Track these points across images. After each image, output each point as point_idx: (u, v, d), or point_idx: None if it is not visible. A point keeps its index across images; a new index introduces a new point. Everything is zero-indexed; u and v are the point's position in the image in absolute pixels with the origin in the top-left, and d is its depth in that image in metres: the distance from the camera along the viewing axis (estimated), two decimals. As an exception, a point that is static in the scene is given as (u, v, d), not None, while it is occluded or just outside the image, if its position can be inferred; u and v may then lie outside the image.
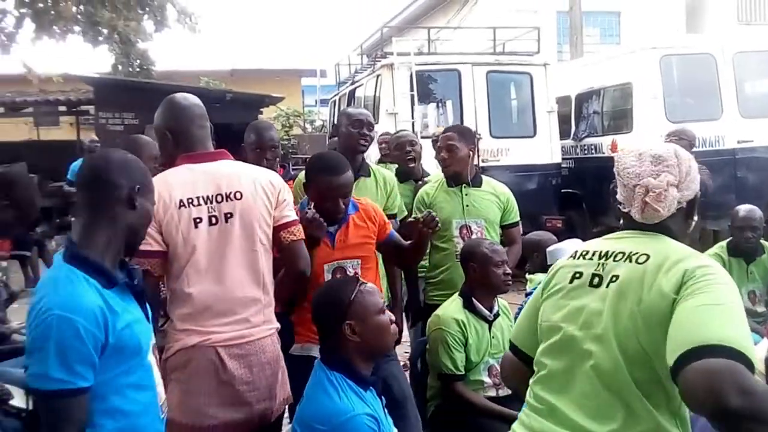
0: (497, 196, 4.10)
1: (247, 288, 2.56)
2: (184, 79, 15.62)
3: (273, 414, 2.65)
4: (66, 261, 1.85)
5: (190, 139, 2.62)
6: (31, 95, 14.92)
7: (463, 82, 8.86)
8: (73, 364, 1.71)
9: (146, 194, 2.00)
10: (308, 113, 18.86)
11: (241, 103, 12.28)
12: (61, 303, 1.73)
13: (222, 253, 2.53)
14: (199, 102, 2.71)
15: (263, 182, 2.64)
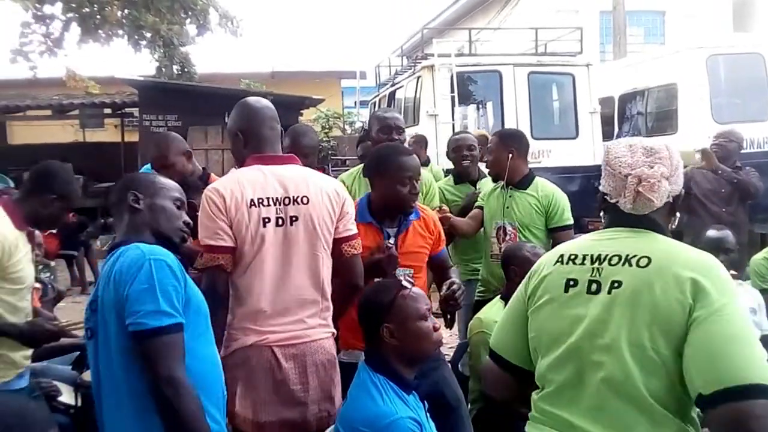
0: (539, 199, 4.04)
1: (306, 291, 2.60)
2: (225, 82, 15.80)
3: (331, 417, 2.64)
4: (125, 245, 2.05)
5: (260, 141, 2.68)
6: (78, 98, 15.27)
7: (505, 83, 8.80)
8: (174, 300, 1.91)
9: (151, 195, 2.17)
10: (347, 115, 18.93)
11: (282, 104, 12.25)
12: (150, 250, 1.96)
13: (284, 255, 2.57)
14: (270, 105, 2.77)
15: (329, 190, 2.68)
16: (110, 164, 14.84)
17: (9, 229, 2.78)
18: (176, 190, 2.24)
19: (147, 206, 2.14)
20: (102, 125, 18.03)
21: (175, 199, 2.21)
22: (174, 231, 2.18)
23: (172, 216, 2.17)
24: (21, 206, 2.89)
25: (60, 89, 16.12)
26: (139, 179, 2.23)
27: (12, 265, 2.76)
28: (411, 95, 9.53)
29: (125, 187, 2.18)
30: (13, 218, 2.83)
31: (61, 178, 2.98)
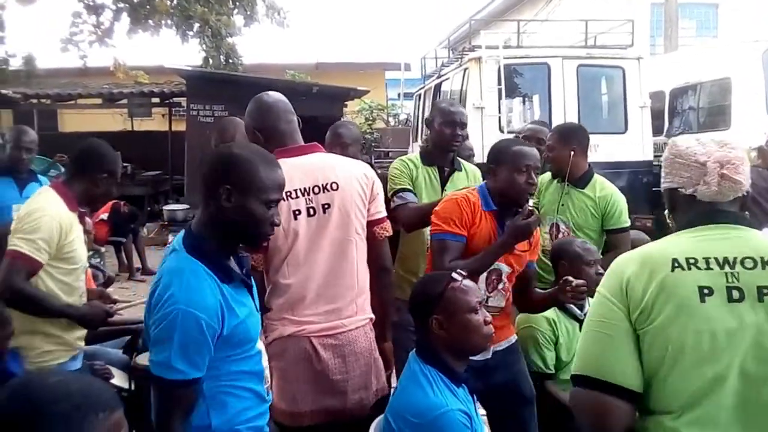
0: (596, 201, 3.91)
1: (342, 278, 2.61)
2: (270, 73, 15.88)
3: (368, 404, 2.67)
4: (188, 251, 1.93)
5: (280, 135, 2.67)
6: (126, 87, 15.52)
7: (553, 76, 8.67)
8: (194, 356, 1.83)
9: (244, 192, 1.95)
10: (391, 107, 18.90)
11: (327, 96, 12.43)
12: (187, 299, 1.83)
13: (319, 244, 2.58)
14: (283, 98, 2.77)
15: (357, 174, 2.68)
16: (157, 153, 15.08)
17: (63, 210, 2.87)
18: (276, 189, 2.00)
19: (235, 204, 1.94)
20: (150, 114, 18.28)
21: (269, 201, 1.98)
22: (258, 235, 2.03)
23: (260, 221, 1.97)
24: (72, 188, 2.98)
25: (109, 78, 16.39)
26: (239, 170, 1.96)
27: (67, 244, 2.85)
28: (457, 87, 9.45)
29: (220, 174, 1.97)
30: (66, 200, 2.92)
31: (108, 155, 3.06)
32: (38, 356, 2.88)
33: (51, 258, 2.83)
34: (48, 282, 2.86)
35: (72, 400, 1.26)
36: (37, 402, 1.25)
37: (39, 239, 2.76)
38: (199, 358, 1.84)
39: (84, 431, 1.24)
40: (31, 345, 2.87)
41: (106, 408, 1.30)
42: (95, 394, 1.30)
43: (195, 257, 1.90)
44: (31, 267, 2.78)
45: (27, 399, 1.26)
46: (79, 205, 3.00)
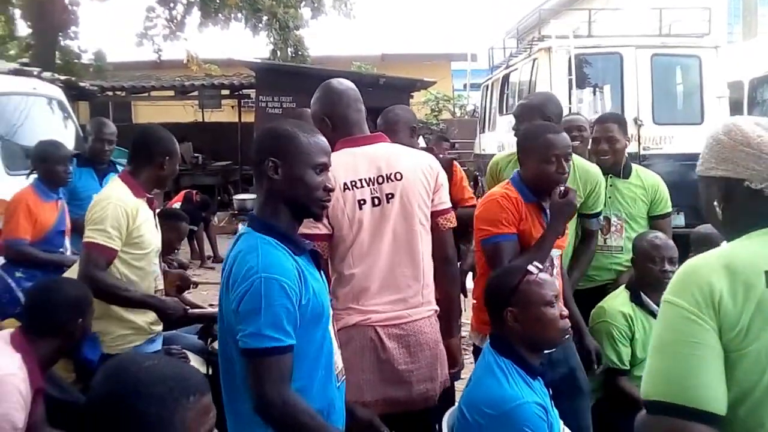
0: (645, 188, 3.85)
1: (406, 269, 2.59)
2: (336, 65, 15.98)
3: (435, 396, 2.66)
4: (257, 231, 1.95)
5: (347, 124, 2.66)
6: (198, 79, 15.86)
7: (626, 66, 8.45)
8: (282, 322, 1.81)
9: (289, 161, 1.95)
10: (457, 98, 18.79)
11: (394, 87, 12.44)
12: (265, 265, 1.83)
13: (383, 234, 2.57)
14: (353, 86, 2.75)
15: (422, 164, 2.66)
16: (227, 144, 15.40)
17: (129, 196, 2.96)
18: (320, 153, 1.99)
19: (284, 176, 1.94)
20: (220, 106, 18.58)
21: (316, 165, 1.97)
22: (313, 202, 1.99)
23: (311, 187, 1.96)
24: (137, 176, 3.06)
25: (181, 71, 16.78)
26: (279, 141, 1.97)
27: (135, 229, 2.94)
28: (526, 78, 9.33)
29: (264, 149, 1.98)
30: (132, 187, 3.01)
31: (164, 137, 3.13)
32: (113, 341, 2.97)
33: (123, 244, 2.91)
34: (122, 268, 2.95)
35: (166, 383, 1.30)
36: (132, 384, 1.29)
37: (109, 227, 2.85)
38: (289, 325, 1.82)
39: (176, 414, 1.28)
40: (106, 330, 2.96)
41: (197, 391, 1.33)
42: (186, 378, 1.34)
43: (264, 234, 1.92)
44: (107, 256, 2.87)
45: (123, 381, 1.30)
46: (149, 191, 3.09)
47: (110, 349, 2.94)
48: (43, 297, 2.66)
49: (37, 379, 2.46)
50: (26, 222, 3.90)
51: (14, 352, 2.45)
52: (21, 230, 3.89)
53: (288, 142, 1.96)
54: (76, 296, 2.66)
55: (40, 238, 3.97)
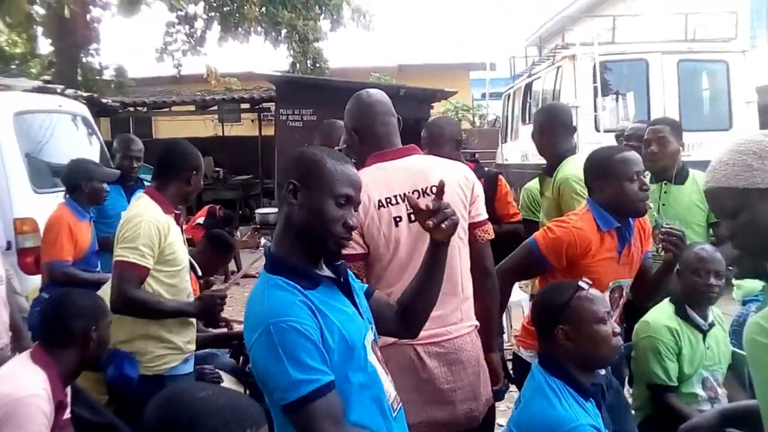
0: (702, 193, 3.77)
1: (444, 285, 2.48)
2: (355, 76, 16.01)
3: (479, 416, 2.57)
4: (267, 270, 1.82)
5: (375, 137, 2.57)
6: (218, 93, 15.94)
7: (651, 72, 8.37)
8: (307, 362, 1.64)
9: (310, 188, 1.79)
10: (477, 107, 18.74)
11: (414, 98, 12.40)
12: (271, 311, 1.68)
13: (420, 250, 2.44)
14: (383, 98, 2.64)
15: (458, 176, 2.56)
16: (248, 157, 15.46)
17: (159, 213, 2.93)
18: (346, 183, 1.80)
19: (301, 202, 1.79)
20: (239, 120, 18.68)
21: (338, 195, 1.78)
22: (329, 237, 1.79)
23: (328, 219, 1.77)
24: (165, 191, 3.03)
25: (201, 85, 16.88)
26: (304, 164, 1.82)
27: (167, 246, 2.90)
28: (549, 87, 9.26)
29: (288, 172, 1.84)
30: (161, 204, 2.98)
31: (190, 152, 3.11)
32: (151, 360, 2.94)
33: (155, 262, 2.88)
34: (155, 286, 2.92)
35: (221, 415, 1.25)
36: (187, 416, 1.24)
37: (141, 245, 2.82)
38: (314, 362, 1.65)
39: None
40: (145, 350, 2.93)
41: (253, 424, 1.28)
42: (242, 410, 1.29)
43: (273, 274, 1.78)
44: (139, 274, 2.84)
45: (177, 412, 1.26)
46: (176, 206, 3.06)
47: (147, 370, 2.91)
48: (55, 308, 2.64)
49: (59, 392, 2.44)
50: (69, 243, 3.91)
51: (36, 368, 2.42)
52: (65, 252, 3.89)
53: (312, 167, 1.80)
54: (88, 305, 2.63)
55: (79, 258, 3.98)
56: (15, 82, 9.34)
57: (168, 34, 16.30)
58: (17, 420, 2.21)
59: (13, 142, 5.11)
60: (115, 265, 2.86)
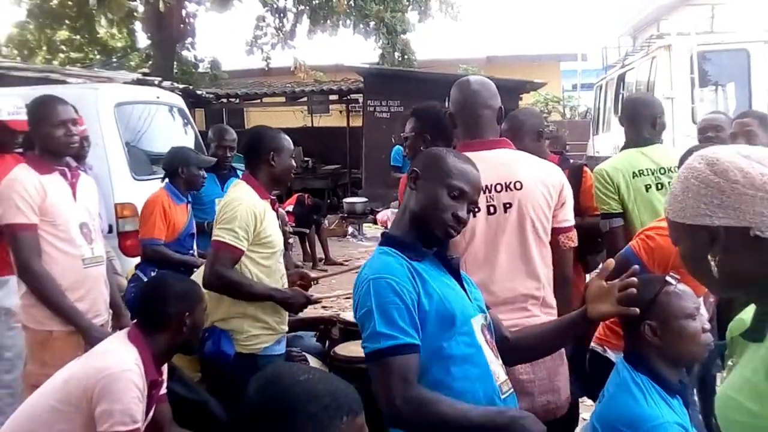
0: None
1: (521, 281, 2.47)
2: (442, 67, 15.94)
3: (558, 409, 2.53)
4: (380, 245, 1.97)
5: (471, 124, 2.54)
6: (307, 85, 16.21)
7: (753, 62, 8.00)
8: (396, 319, 1.75)
9: (428, 176, 1.96)
10: (567, 98, 18.34)
11: (502, 89, 12.03)
12: (373, 270, 1.84)
13: (498, 245, 2.45)
14: (486, 86, 2.60)
15: (545, 175, 2.52)
16: (336, 148, 15.66)
17: (256, 198, 3.03)
18: (462, 178, 1.92)
19: (419, 188, 1.95)
20: (328, 111, 18.95)
21: (452, 187, 1.91)
22: (438, 223, 1.91)
23: (439, 206, 1.90)
24: (257, 177, 3.12)
25: (289, 77, 17.19)
26: (432, 154, 2.02)
27: (263, 230, 3.00)
28: (644, 77, 8.98)
29: (415, 163, 2.04)
30: (257, 189, 3.07)
31: (267, 135, 3.18)
32: (246, 339, 3.03)
33: (250, 244, 2.98)
34: (251, 267, 3.02)
35: (320, 401, 1.26)
36: (287, 399, 1.26)
37: (237, 227, 2.92)
38: (403, 322, 1.75)
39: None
40: (240, 328, 3.02)
41: (350, 411, 1.29)
42: (341, 396, 1.30)
43: (384, 245, 1.94)
44: (233, 255, 2.94)
45: (278, 395, 1.28)
46: (270, 191, 3.15)
47: (242, 348, 3.00)
48: (153, 291, 2.74)
49: (152, 371, 2.53)
50: (162, 223, 4.10)
51: (131, 346, 2.53)
52: (157, 231, 4.08)
53: (434, 159, 1.98)
54: (184, 290, 2.72)
55: (173, 239, 4.15)
56: (116, 75, 9.83)
57: (258, 27, 16.67)
58: (113, 393, 2.33)
59: (115, 132, 5.35)
60: (212, 245, 2.99)
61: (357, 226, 11.89)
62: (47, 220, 2.94)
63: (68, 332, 2.95)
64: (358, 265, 8.15)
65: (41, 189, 2.94)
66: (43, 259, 2.93)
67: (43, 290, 2.91)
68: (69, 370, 2.48)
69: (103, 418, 2.29)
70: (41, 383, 2.58)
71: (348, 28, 16.44)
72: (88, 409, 2.32)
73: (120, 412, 2.31)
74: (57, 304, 2.92)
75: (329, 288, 8.01)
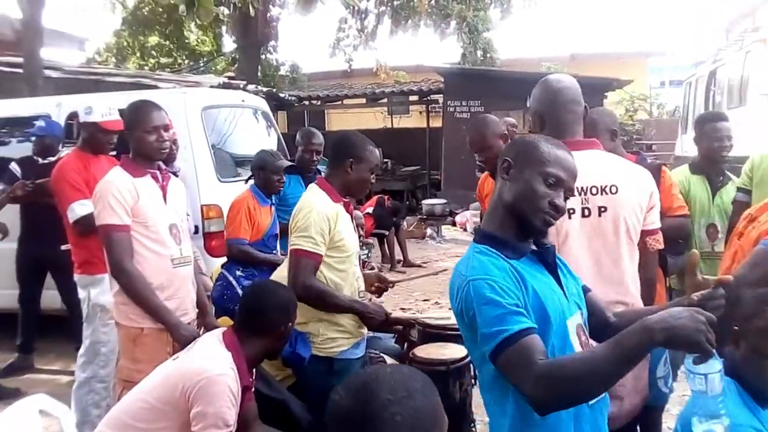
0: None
1: (614, 286, 2.44)
2: (525, 66, 15.72)
3: (633, 409, 2.52)
4: (475, 242, 1.90)
5: (558, 125, 2.49)
6: (387, 86, 16.29)
7: None
8: (504, 315, 1.67)
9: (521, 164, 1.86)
10: (655, 96, 17.78)
11: (586, 87, 11.73)
12: (472, 272, 1.76)
13: (591, 248, 2.42)
14: (572, 85, 2.56)
15: (639, 180, 2.49)
16: (415, 149, 15.66)
17: (328, 202, 3.03)
18: (558, 165, 1.85)
19: (513, 177, 1.87)
20: (408, 112, 18.99)
21: (548, 175, 1.82)
22: (535, 212, 1.82)
23: (534, 194, 1.81)
24: (332, 181, 3.13)
25: (370, 79, 17.31)
26: (520, 145, 1.93)
27: (337, 233, 3.00)
28: (737, 73, 8.60)
29: (505, 151, 1.96)
30: (329, 193, 3.08)
31: (354, 141, 3.16)
32: (323, 342, 3.05)
33: (326, 248, 2.99)
34: (326, 271, 3.03)
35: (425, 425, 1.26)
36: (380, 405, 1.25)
37: (314, 233, 2.94)
38: (512, 315, 1.67)
39: None
40: (317, 331, 3.05)
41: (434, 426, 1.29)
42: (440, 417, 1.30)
43: (479, 242, 1.87)
44: (314, 261, 2.96)
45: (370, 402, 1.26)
46: (344, 195, 3.15)
47: (319, 351, 3.02)
48: (257, 298, 2.77)
49: (245, 376, 2.58)
50: (247, 224, 4.21)
51: (225, 350, 2.58)
52: (242, 231, 4.20)
53: (527, 146, 1.89)
54: (286, 301, 2.76)
55: (257, 239, 4.26)
56: (203, 79, 10.11)
57: (340, 29, 16.86)
58: (208, 396, 2.38)
59: (202, 135, 5.49)
60: (291, 253, 3.01)
61: (436, 228, 11.85)
62: (139, 222, 3.03)
63: (158, 329, 3.03)
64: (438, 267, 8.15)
65: (134, 191, 3.03)
66: (135, 258, 3.02)
67: (135, 289, 3.00)
68: (166, 370, 2.56)
69: (197, 419, 2.36)
70: (132, 378, 2.67)
71: (429, 27, 16.43)
72: (186, 410, 2.38)
73: (213, 415, 2.36)
74: (147, 302, 3.00)
75: (407, 291, 8.04)
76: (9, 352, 5.49)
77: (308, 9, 10.26)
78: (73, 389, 4.02)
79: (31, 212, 5.16)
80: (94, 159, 4.10)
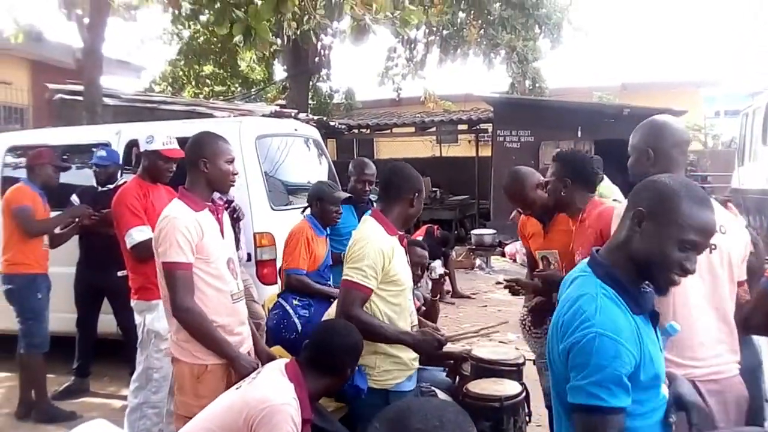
0: None
1: (723, 325, 2.48)
2: (575, 96, 15.62)
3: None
4: (598, 277, 1.84)
5: (670, 162, 2.58)
6: (436, 115, 16.35)
7: None
8: (610, 384, 1.70)
9: (657, 222, 1.77)
10: (709, 126, 17.46)
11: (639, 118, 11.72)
12: (602, 322, 1.73)
13: (704, 284, 2.45)
14: (681, 127, 2.72)
15: (740, 226, 2.60)
16: (464, 178, 15.64)
17: (384, 235, 3.03)
18: (697, 229, 1.77)
19: (645, 231, 1.79)
20: (456, 141, 19.00)
21: (683, 241, 1.76)
22: (661, 276, 1.80)
23: (664, 259, 1.77)
24: (389, 213, 3.12)
25: (418, 108, 17.38)
26: (662, 193, 1.80)
27: (392, 267, 2.99)
28: (796, 104, 8.39)
29: (642, 197, 1.83)
30: (385, 226, 3.07)
31: (413, 176, 3.17)
32: (379, 374, 3.04)
33: (379, 282, 2.98)
34: (380, 305, 3.02)
35: None
36: None
37: (365, 266, 2.93)
38: (616, 387, 1.71)
39: None
40: (374, 364, 3.04)
41: None
42: None
43: (606, 283, 1.81)
44: (363, 294, 2.96)
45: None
46: (400, 228, 3.14)
47: (375, 384, 3.01)
48: (329, 338, 2.80)
49: (307, 410, 2.58)
50: (305, 254, 4.25)
51: (288, 381, 2.60)
52: (301, 261, 4.24)
53: (666, 201, 1.78)
54: (355, 343, 2.81)
55: (313, 270, 4.30)
56: (255, 107, 10.28)
57: (389, 58, 16.98)
58: (271, 424, 2.41)
59: (256, 164, 5.56)
60: (342, 284, 3.02)
61: (485, 259, 11.75)
62: (202, 258, 3.00)
63: (222, 365, 3.01)
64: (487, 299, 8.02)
65: (198, 228, 2.99)
66: (196, 295, 2.98)
67: (197, 326, 2.96)
68: (230, 398, 2.58)
69: None
70: (194, 414, 2.67)
71: (478, 57, 16.46)
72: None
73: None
74: (210, 338, 2.97)
75: (456, 322, 7.96)
76: (66, 375, 5.58)
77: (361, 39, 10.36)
78: (126, 414, 4.07)
79: (89, 238, 5.28)
80: (153, 187, 4.18)
